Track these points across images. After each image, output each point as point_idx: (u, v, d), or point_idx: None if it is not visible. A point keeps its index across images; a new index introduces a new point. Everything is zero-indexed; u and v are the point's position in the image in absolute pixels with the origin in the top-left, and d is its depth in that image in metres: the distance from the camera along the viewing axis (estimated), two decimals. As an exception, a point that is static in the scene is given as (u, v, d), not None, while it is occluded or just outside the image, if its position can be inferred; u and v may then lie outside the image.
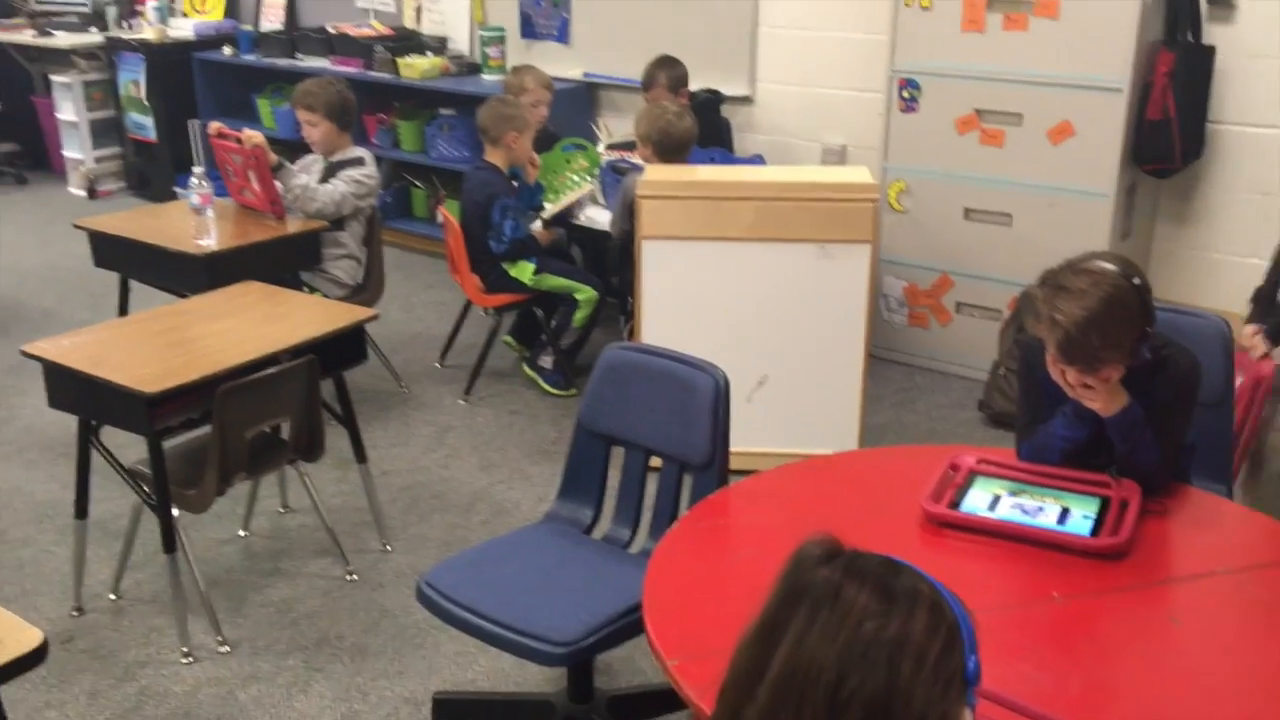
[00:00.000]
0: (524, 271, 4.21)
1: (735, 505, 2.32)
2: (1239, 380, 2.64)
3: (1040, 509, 2.10)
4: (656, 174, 3.70)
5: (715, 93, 4.94)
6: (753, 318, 3.60)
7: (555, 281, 4.27)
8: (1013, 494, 2.15)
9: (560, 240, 4.56)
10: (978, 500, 2.14)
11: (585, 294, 4.28)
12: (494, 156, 4.25)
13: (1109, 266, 2.06)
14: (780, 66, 5.05)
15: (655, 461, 2.50)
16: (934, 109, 4.29)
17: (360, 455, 3.27)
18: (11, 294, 5.36)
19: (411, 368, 4.57)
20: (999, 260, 4.28)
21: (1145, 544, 2.03)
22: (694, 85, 4.84)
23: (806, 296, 3.57)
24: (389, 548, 3.33)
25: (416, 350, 4.75)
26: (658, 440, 2.44)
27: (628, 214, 3.84)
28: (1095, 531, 2.02)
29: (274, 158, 3.97)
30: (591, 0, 5.50)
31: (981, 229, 4.31)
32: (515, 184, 4.31)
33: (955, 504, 2.12)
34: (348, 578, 3.19)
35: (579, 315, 4.31)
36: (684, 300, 3.61)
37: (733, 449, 3.34)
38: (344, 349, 3.15)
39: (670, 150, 3.96)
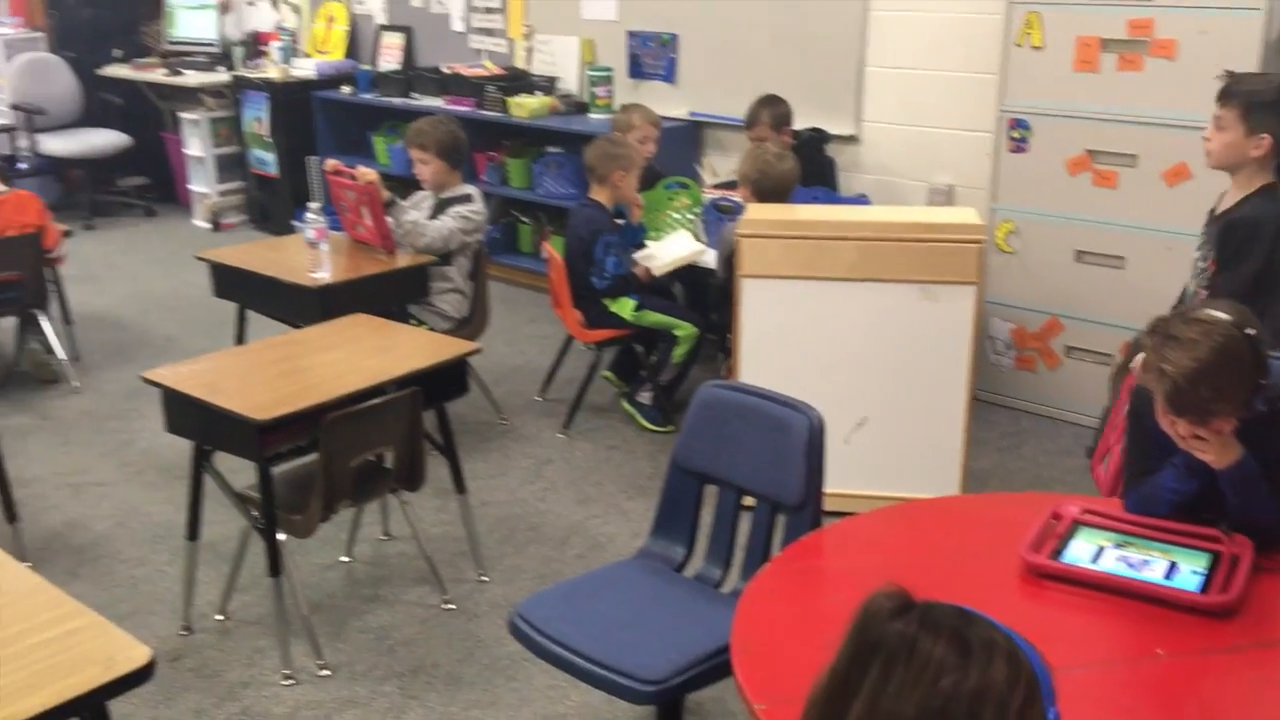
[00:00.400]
0: (625, 307, 4.25)
1: (828, 548, 2.29)
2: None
3: (1146, 563, 2.03)
4: (758, 213, 3.71)
5: (820, 131, 4.94)
6: (853, 358, 3.57)
7: (655, 318, 4.30)
8: (1118, 546, 2.09)
9: (662, 276, 4.59)
10: (1080, 551, 2.08)
11: (685, 330, 4.29)
12: (599, 194, 4.31)
13: (1221, 316, 1.99)
14: (887, 105, 5.03)
15: (750, 500, 2.50)
16: (1044, 149, 4.22)
17: (460, 486, 3.33)
18: (137, 321, 5.60)
19: (513, 400, 4.63)
20: (1110, 304, 4.17)
21: (1257, 602, 1.95)
22: (799, 124, 4.85)
23: (908, 338, 3.53)
24: (485, 578, 3.37)
25: (518, 383, 4.82)
26: (751, 480, 2.44)
27: (726, 264, 3.86)
28: (1204, 588, 1.94)
29: (386, 194, 4.09)
30: (699, 41, 5.56)
31: (1093, 272, 4.21)
32: (619, 221, 4.35)
33: (1057, 555, 2.07)
34: (444, 607, 3.24)
35: (678, 351, 4.33)
36: (783, 339, 3.60)
37: (830, 490, 3.31)
38: (447, 381, 3.21)
39: (769, 192, 3.97)
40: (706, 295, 4.71)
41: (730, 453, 2.45)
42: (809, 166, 4.48)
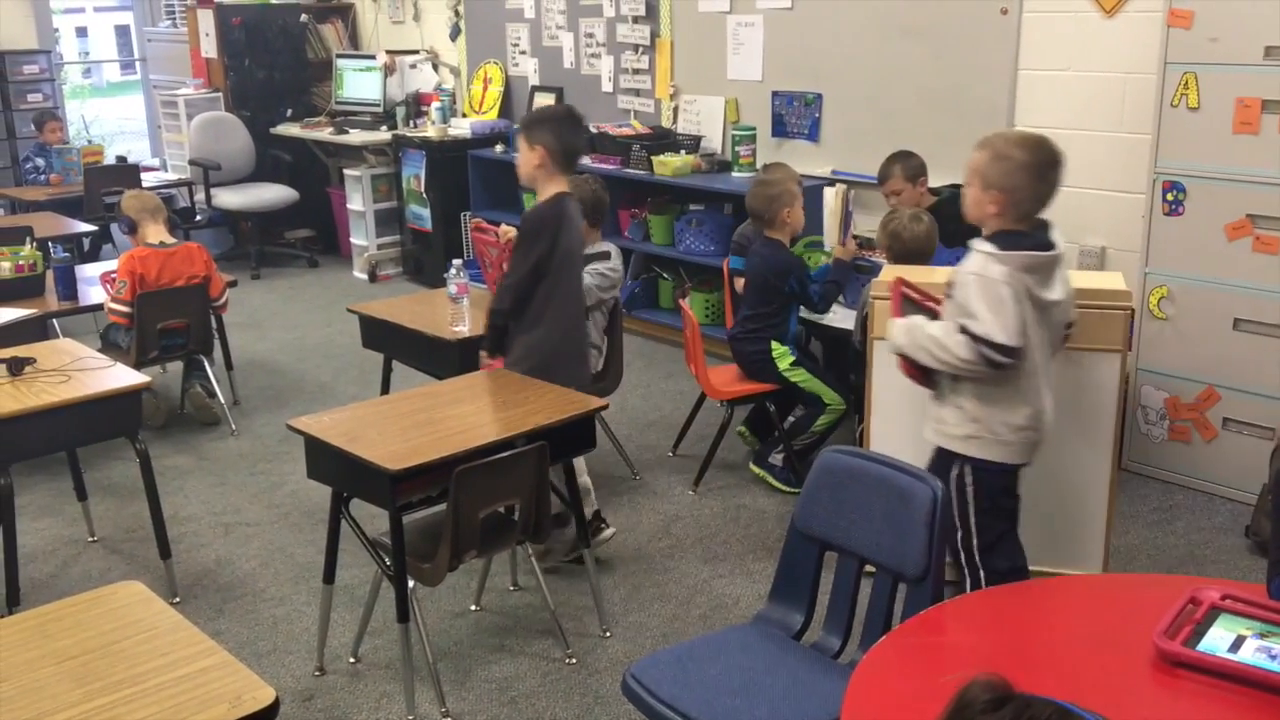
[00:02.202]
0: (783, 358, 4.25)
1: (950, 623, 2.22)
2: None
3: (1291, 656, 1.91)
4: (892, 275, 3.65)
5: (961, 187, 4.84)
6: (989, 425, 3.46)
7: (806, 379, 4.26)
8: (1260, 636, 1.97)
9: (800, 335, 4.57)
10: (1218, 640, 1.96)
11: (834, 403, 4.25)
12: (774, 234, 4.32)
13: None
14: (1036, 165, 4.91)
15: (870, 567, 2.45)
16: (1201, 213, 4.05)
17: (586, 540, 3.36)
18: (294, 367, 5.86)
19: (645, 455, 4.66)
20: (1272, 375, 3.95)
21: None
22: (944, 181, 4.78)
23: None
24: (608, 634, 3.39)
25: (651, 437, 4.85)
26: (871, 549, 2.39)
27: (861, 326, 3.82)
28: (1355, 687, 1.81)
29: None
30: (843, 100, 5.56)
31: (1253, 341, 4.01)
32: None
33: (1192, 642, 1.96)
34: (567, 661, 3.26)
35: (822, 420, 4.29)
36: (916, 404, 3.52)
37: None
38: (576, 435, 3.26)
39: (904, 255, 3.92)
40: (848, 355, 4.64)
41: (851, 520, 2.42)
42: (952, 225, 4.39)
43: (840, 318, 4.35)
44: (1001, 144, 2.83)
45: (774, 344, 4.26)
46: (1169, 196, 4.13)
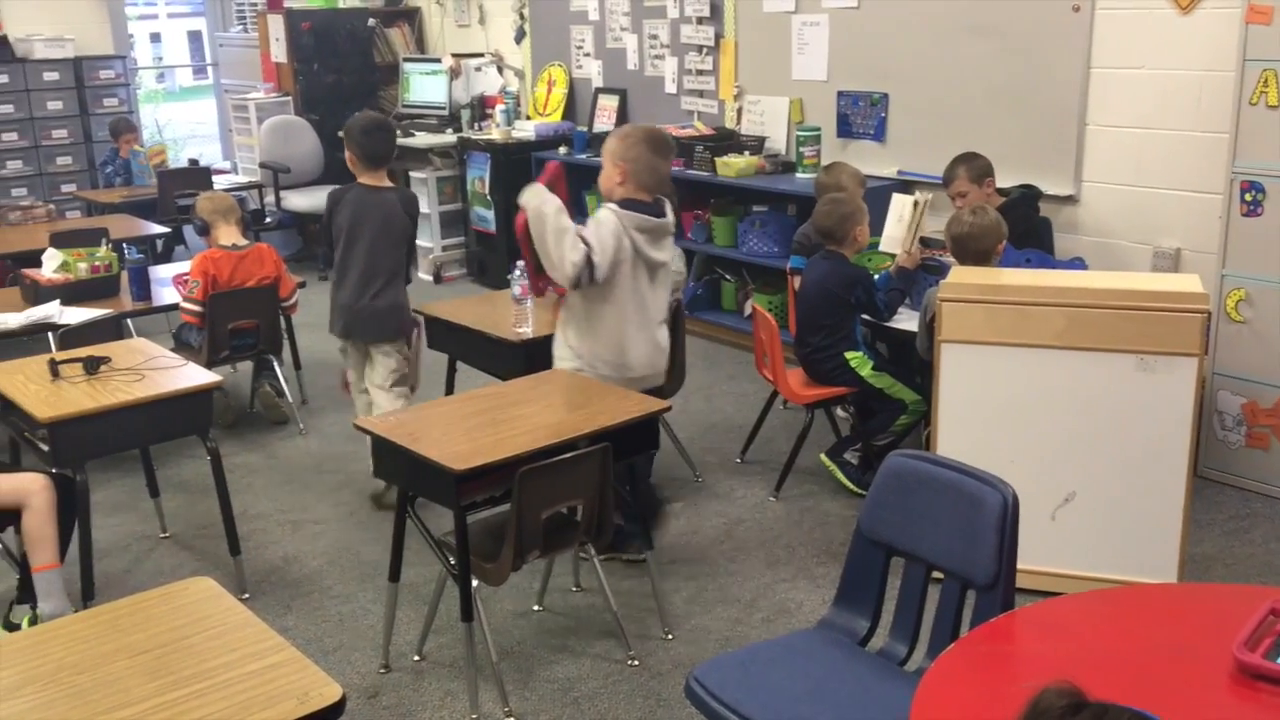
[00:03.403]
0: (864, 365, 4.21)
1: (1021, 631, 2.18)
2: None
3: (1379, 671, 1.84)
4: (960, 276, 3.61)
5: (1031, 188, 4.77)
6: (1060, 430, 3.41)
7: (891, 383, 4.21)
8: (1346, 651, 1.90)
9: (866, 336, 4.52)
10: (1301, 654, 1.90)
11: (916, 403, 4.20)
12: (839, 249, 4.28)
13: None
14: (1108, 165, 4.82)
15: (938, 573, 2.41)
16: (1281, 213, 3.95)
17: (649, 542, 3.35)
18: (360, 368, 5.92)
19: (707, 457, 4.64)
20: (1356, 380, 3.84)
21: None
22: (1011, 182, 4.71)
23: (1122, 410, 3.34)
24: (670, 636, 3.38)
25: (714, 440, 4.83)
26: (940, 555, 2.35)
27: (927, 332, 3.77)
28: None
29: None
30: (910, 99, 5.50)
31: (1336, 344, 3.90)
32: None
33: (1274, 655, 1.90)
34: (629, 663, 3.26)
35: (903, 420, 4.24)
36: (985, 408, 3.47)
37: (1033, 568, 3.17)
38: (639, 437, 3.25)
39: (971, 255, 3.86)
40: (911, 357, 4.60)
41: (919, 525, 2.38)
42: (1021, 226, 4.34)
43: (904, 319, 4.30)
44: (629, 130, 3.58)
45: (848, 354, 4.22)
46: (1247, 197, 4.03)
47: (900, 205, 4.37)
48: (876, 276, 4.31)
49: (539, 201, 3.48)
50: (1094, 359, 3.34)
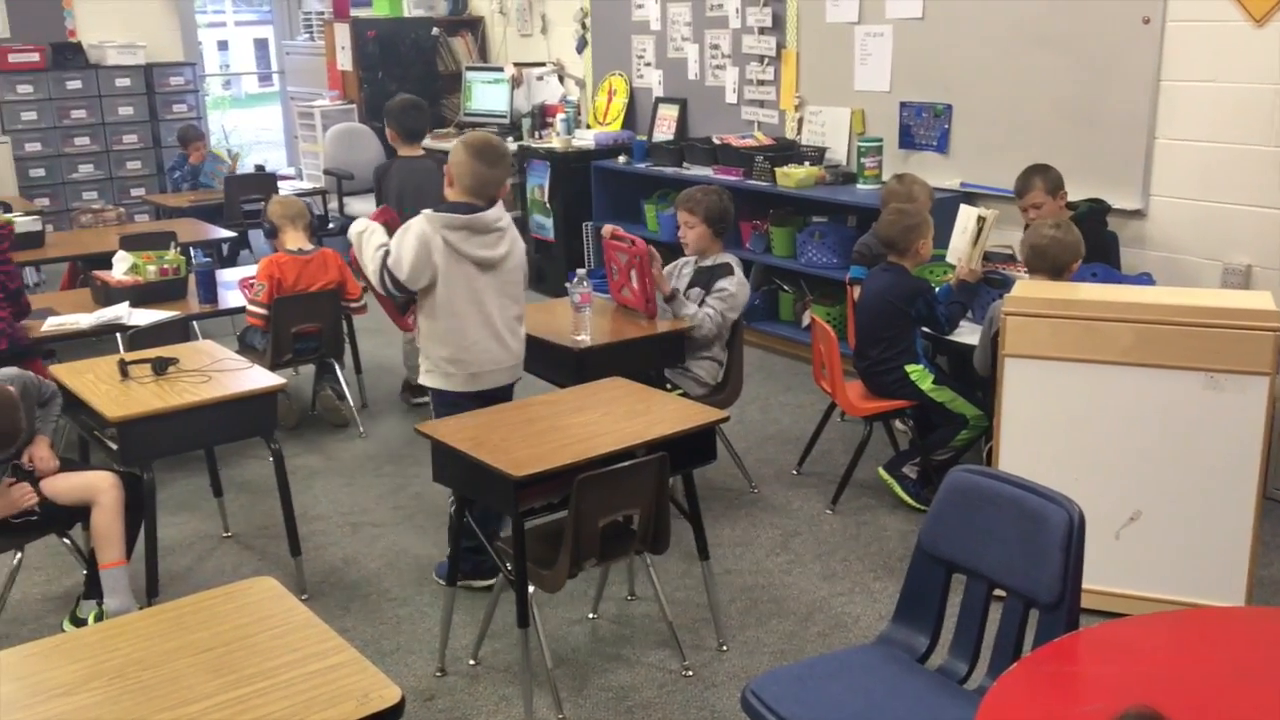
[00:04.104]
0: (924, 379, 4.17)
1: (1085, 652, 2.15)
2: None
3: None
4: (1026, 290, 3.56)
5: (1099, 202, 4.70)
6: (1126, 448, 3.35)
7: (951, 397, 4.17)
8: None
9: (927, 349, 4.48)
10: (1380, 684, 1.85)
11: (977, 418, 4.15)
12: (902, 261, 4.25)
13: None
14: (1178, 179, 4.73)
15: (1000, 591, 2.38)
16: (1358, 229, 3.85)
17: (704, 552, 3.34)
18: (419, 373, 5.98)
19: (763, 469, 4.62)
20: None
21: None
22: (1077, 195, 4.64)
23: (1190, 429, 3.28)
24: (725, 647, 3.36)
25: (769, 451, 4.81)
26: (1002, 572, 2.32)
27: (993, 342, 3.73)
28: None
29: (668, 287, 4.24)
30: (974, 111, 5.44)
31: None
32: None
33: (1350, 684, 1.85)
34: (684, 673, 3.25)
35: (963, 435, 4.19)
36: (1048, 424, 3.42)
37: (1097, 588, 3.12)
38: (696, 447, 3.25)
39: (1047, 268, 3.81)
40: (972, 371, 4.55)
41: (981, 542, 2.35)
42: (1089, 241, 4.26)
43: (965, 332, 4.25)
44: (464, 138, 3.71)
45: (909, 367, 4.18)
46: (1323, 212, 3.93)
47: (965, 217, 4.32)
48: (938, 289, 4.27)
49: (359, 228, 3.73)
50: (1162, 376, 3.29)
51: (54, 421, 3.56)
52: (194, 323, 5.01)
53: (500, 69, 8.16)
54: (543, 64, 7.97)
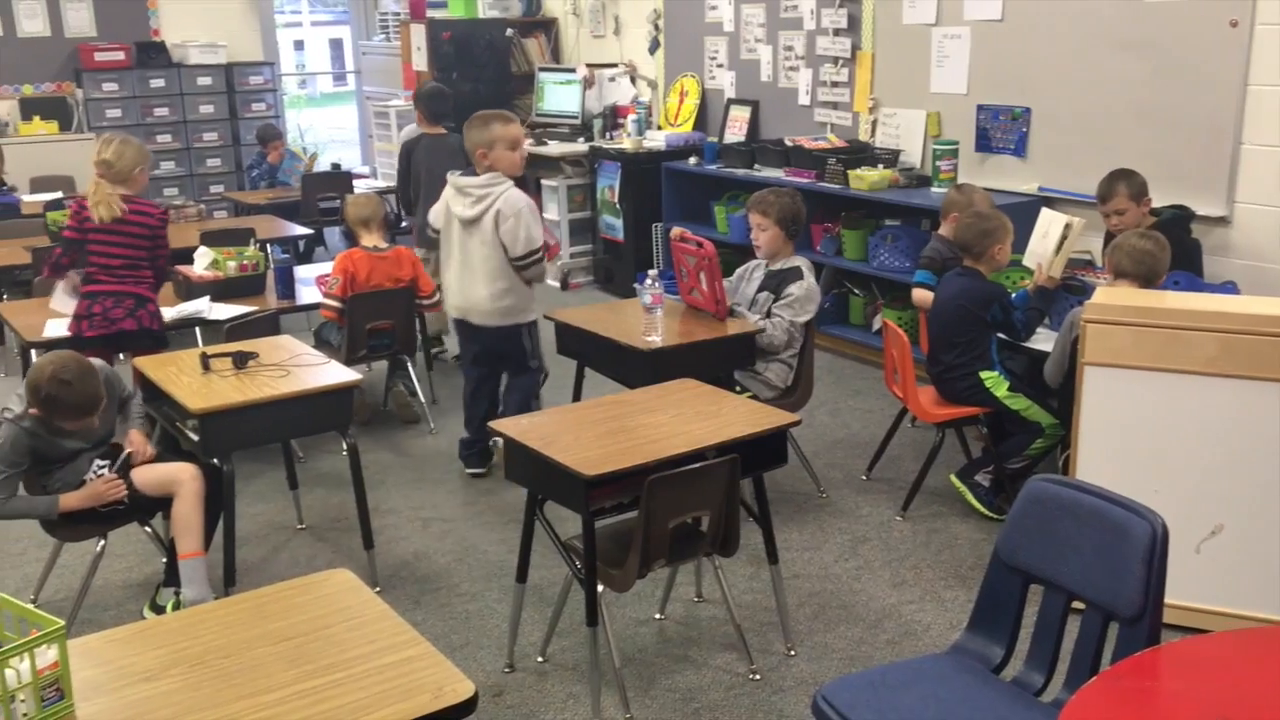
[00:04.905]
0: (999, 386, 4.11)
1: (1166, 667, 2.10)
2: None
3: None
4: (1108, 296, 3.50)
5: (1183, 209, 4.60)
6: (1208, 460, 3.27)
7: (1027, 405, 4.10)
8: None
9: (1002, 356, 4.41)
10: None
11: (1053, 427, 4.08)
12: (977, 265, 4.20)
13: None
14: (1264, 186, 4.62)
15: (1078, 603, 2.34)
16: None
17: (772, 555, 3.33)
18: (489, 371, 6.03)
19: (832, 473, 4.59)
20: None
21: None
22: (1159, 202, 4.55)
23: (1273, 442, 3.19)
24: (793, 652, 3.34)
25: (838, 455, 4.78)
26: (1081, 584, 2.28)
27: (1069, 354, 3.67)
28: None
29: (731, 301, 4.26)
30: (1053, 114, 5.36)
31: None
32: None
33: None
34: (751, 676, 3.24)
35: (1038, 444, 4.12)
36: (1128, 434, 3.36)
37: (1176, 603, 3.05)
38: (766, 450, 3.24)
39: (1142, 275, 3.74)
40: (1042, 378, 4.47)
41: (1060, 553, 2.31)
42: (1172, 248, 4.18)
43: (1041, 339, 4.18)
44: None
45: (983, 374, 4.12)
46: None
47: (1047, 222, 4.24)
48: (1014, 295, 4.21)
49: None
50: (1246, 387, 3.20)
51: (141, 416, 3.65)
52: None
53: (572, 70, 8.20)
54: (615, 65, 7.99)
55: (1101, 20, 5.07)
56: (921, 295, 4.51)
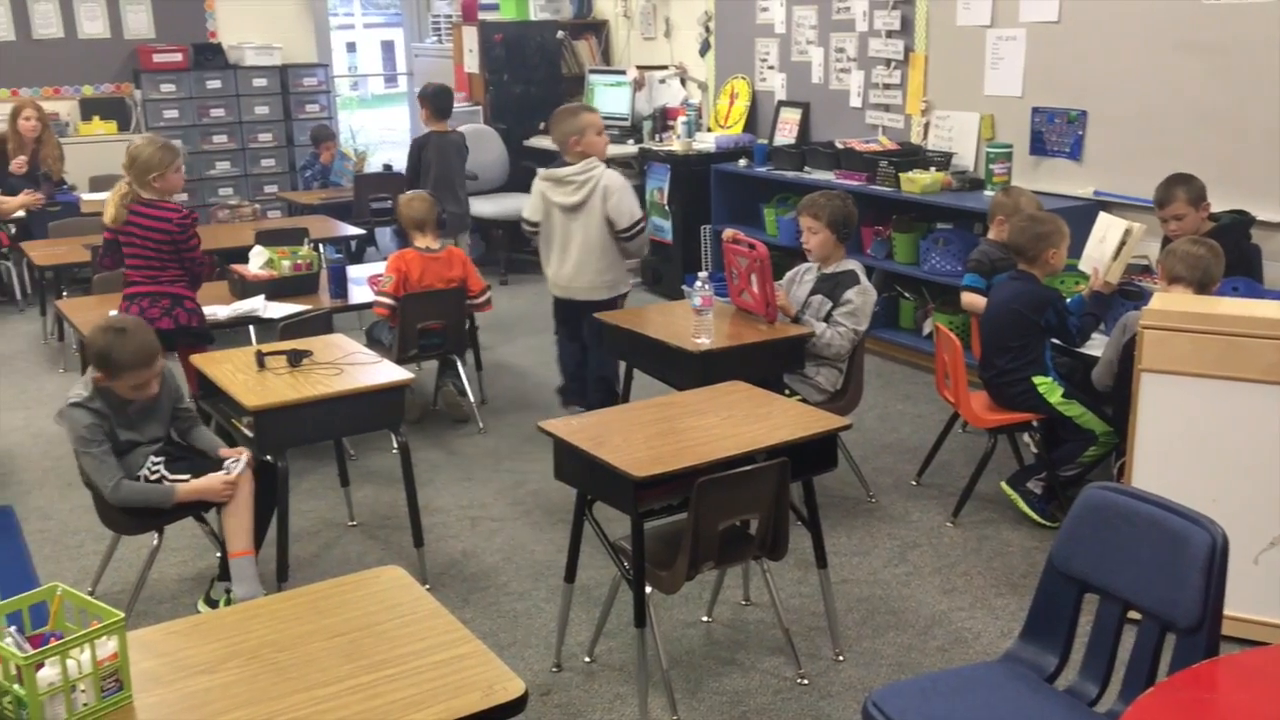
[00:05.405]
0: (1053, 392, 4.07)
1: (1225, 680, 2.07)
2: None
3: None
4: (1165, 303, 3.45)
5: (1243, 214, 4.52)
6: (1268, 470, 3.21)
7: (1079, 411, 4.04)
8: None
9: (1057, 362, 4.36)
10: None
11: (1107, 435, 4.02)
12: (1031, 269, 4.15)
13: None
14: (1328, 190, 4.53)
15: (1134, 613, 2.30)
16: None
17: (821, 560, 3.31)
18: (538, 371, 6.04)
19: (881, 478, 4.56)
20: None
21: None
22: (1218, 206, 4.48)
23: (1338, 452, 3.13)
24: (841, 657, 3.33)
25: (887, 460, 4.75)
26: (1138, 593, 2.25)
27: (1118, 358, 3.61)
28: None
29: (792, 308, 4.25)
30: (1110, 117, 5.29)
31: None
32: None
33: None
34: (799, 681, 3.23)
35: (1092, 452, 4.06)
36: (1185, 443, 3.30)
37: (1234, 614, 2.99)
38: (816, 454, 3.22)
39: (1197, 280, 3.68)
40: (1090, 384, 4.39)
41: (1116, 562, 2.28)
42: (1232, 254, 4.10)
43: (1095, 345, 4.12)
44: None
45: (1036, 379, 4.07)
46: None
47: (1105, 226, 4.18)
48: (1069, 300, 4.15)
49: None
50: (1309, 396, 3.14)
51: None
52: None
53: (623, 72, 8.21)
54: (665, 67, 7.99)
55: (1160, 22, 5.00)
56: (970, 299, 4.48)
